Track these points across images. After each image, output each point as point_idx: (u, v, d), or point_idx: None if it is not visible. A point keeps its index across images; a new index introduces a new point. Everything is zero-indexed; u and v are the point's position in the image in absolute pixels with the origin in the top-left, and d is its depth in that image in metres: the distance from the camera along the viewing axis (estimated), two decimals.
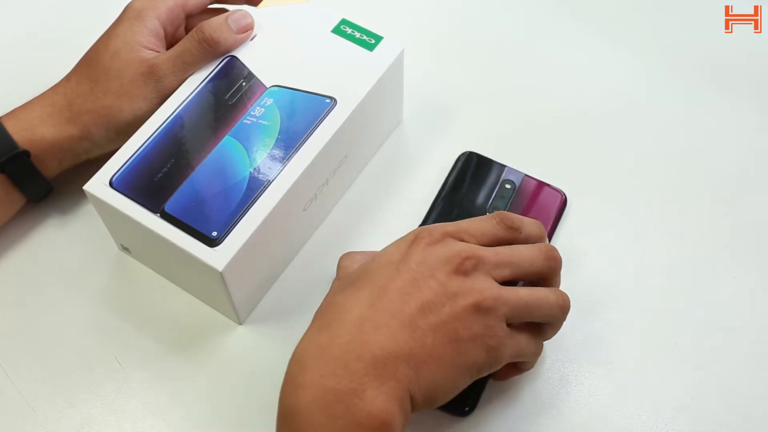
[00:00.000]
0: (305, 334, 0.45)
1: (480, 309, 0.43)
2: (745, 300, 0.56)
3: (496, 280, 0.45)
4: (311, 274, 0.57)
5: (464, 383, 0.44)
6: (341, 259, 0.51)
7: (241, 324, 0.55)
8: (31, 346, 0.54)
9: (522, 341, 0.46)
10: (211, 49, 0.55)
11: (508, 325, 0.45)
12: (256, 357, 0.54)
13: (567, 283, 0.55)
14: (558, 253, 0.47)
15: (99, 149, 0.56)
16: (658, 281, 0.56)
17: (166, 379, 0.53)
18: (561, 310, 0.47)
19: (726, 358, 0.53)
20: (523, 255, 0.46)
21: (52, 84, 0.56)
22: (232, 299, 0.51)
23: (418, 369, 0.42)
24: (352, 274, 0.47)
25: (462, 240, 0.46)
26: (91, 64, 0.55)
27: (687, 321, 0.55)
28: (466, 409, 0.51)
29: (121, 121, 0.54)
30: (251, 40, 0.57)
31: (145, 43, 0.55)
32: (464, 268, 0.44)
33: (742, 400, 0.52)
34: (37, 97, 0.55)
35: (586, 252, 0.56)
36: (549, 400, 0.51)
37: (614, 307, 0.54)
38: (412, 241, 0.46)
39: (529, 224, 0.48)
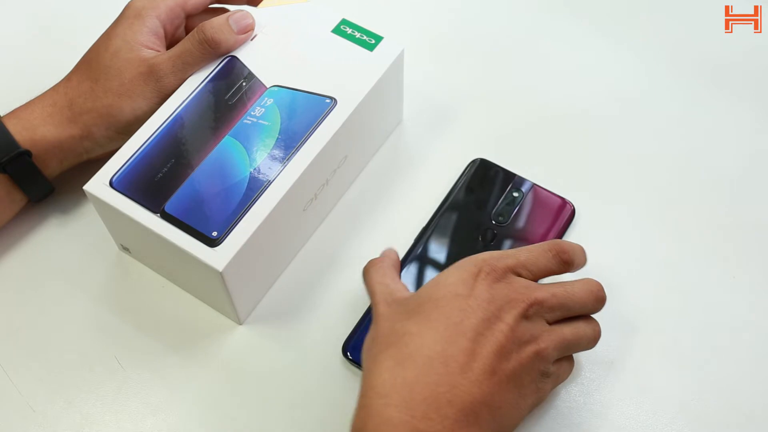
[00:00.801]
0: (379, 363, 0.44)
1: (539, 356, 0.45)
2: (745, 300, 0.56)
3: (548, 322, 0.47)
4: (311, 275, 0.57)
5: (519, 423, 0.46)
6: (375, 273, 0.50)
7: (241, 324, 0.55)
8: (31, 345, 0.54)
9: (562, 373, 0.48)
10: (212, 50, 0.55)
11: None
12: (256, 357, 0.54)
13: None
14: (605, 292, 0.49)
15: (100, 148, 0.56)
16: (659, 281, 0.56)
17: (166, 379, 0.53)
18: (595, 342, 0.49)
19: (726, 358, 0.53)
20: (576, 298, 0.47)
21: (53, 84, 0.56)
22: (232, 299, 0.51)
23: (494, 414, 0.43)
24: (413, 300, 0.46)
25: (520, 275, 0.47)
26: (92, 63, 0.55)
27: (687, 321, 0.55)
28: None
29: (122, 120, 0.54)
30: (251, 40, 0.57)
31: (145, 43, 0.55)
32: (528, 314, 0.45)
33: (742, 400, 0.52)
34: (37, 97, 0.55)
35: (586, 251, 0.56)
36: (549, 400, 0.51)
37: (614, 307, 0.54)
38: (476, 274, 0.46)
39: (579, 255, 0.49)
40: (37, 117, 0.54)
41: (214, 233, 0.49)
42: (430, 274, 0.56)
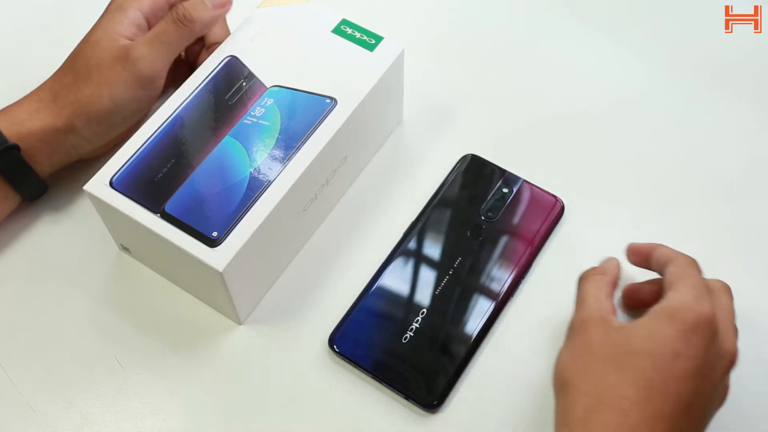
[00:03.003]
0: (594, 422, 0.43)
1: (722, 404, 0.48)
2: (745, 300, 0.56)
3: None
4: (312, 275, 0.57)
5: None
6: (592, 284, 0.50)
7: (241, 324, 0.55)
8: (31, 345, 0.54)
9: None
10: (188, 28, 0.55)
11: None
12: (256, 357, 0.54)
13: (566, 283, 0.56)
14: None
15: (87, 143, 0.56)
16: None
17: (166, 379, 0.53)
18: None
19: None
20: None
21: None
22: (232, 299, 0.51)
23: None
24: (625, 345, 0.45)
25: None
26: (76, 57, 0.55)
27: None
28: (435, 402, 0.51)
29: (101, 109, 0.54)
30: (252, 40, 0.57)
31: (124, 33, 0.55)
32: (731, 367, 0.47)
33: (742, 400, 0.52)
34: (26, 95, 0.55)
35: (586, 251, 0.56)
36: (550, 404, 0.51)
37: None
38: (693, 327, 0.44)
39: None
40: (24, 112, 0.54)
41: (214, 233, 0.49)
42: (419, 269, 0.56)
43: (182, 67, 0.61)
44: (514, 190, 0.59)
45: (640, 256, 0.53)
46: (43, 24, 0.69)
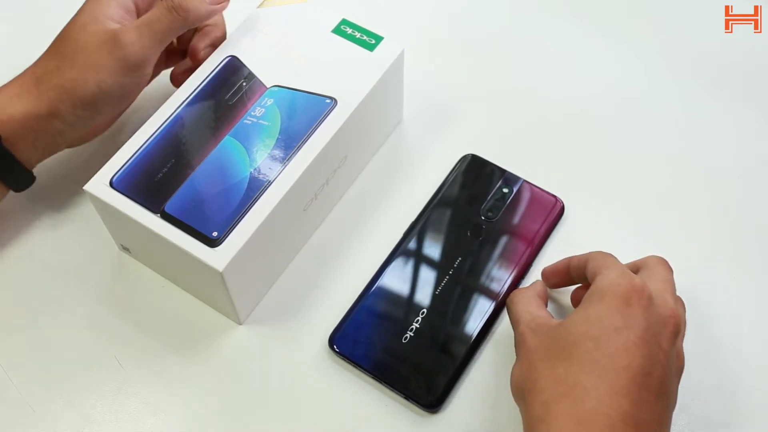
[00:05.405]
0: (555, 418, 0.42)
1: (680, 374, 0.48)
2: (745, 300, 0.56)
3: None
4: (311, 274, 0.57)
5: None
6: (519, 302, 0.51)
7: (241, 324, 0.55)
8: (31, 345, 0.54)
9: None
10: (181, 18, 0.53)
11: None
12: (256, 357, 0.54)
13: None
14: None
15: (72, 130, 0.54)
16: None
17: (166, 379, 0.53)
18: None
19: (726, 358, 0.53)
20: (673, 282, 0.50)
21: None
22: (232, 299, 0.51)
23: None
24: (565, 337, 0.45)
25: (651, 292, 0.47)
26: (61, 40, 0.54)
27: (687, 321, 0.55)
28: (435, 402, 0.51)
29: (86, 94, 0.52)
30: (252, 40, 0.57)
31: (112, 16, 0.53)
32: (676, 331, 0.46)
33: (742, 400, 0.52)
34: (8, 81, 0.54)
35: (586, 251, 0.56)
36: None
37: None
38: (627, 301, 0.45)
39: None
40: (5, 98, 0.52)
41: (215, 233, 0.49)
42: (419, 269, 0.56)
43: (174, 53, 0.60)
44: (514, 190, 0.59)
45: (558, 274, 0.53)
46: (44, 24, 0.69)
